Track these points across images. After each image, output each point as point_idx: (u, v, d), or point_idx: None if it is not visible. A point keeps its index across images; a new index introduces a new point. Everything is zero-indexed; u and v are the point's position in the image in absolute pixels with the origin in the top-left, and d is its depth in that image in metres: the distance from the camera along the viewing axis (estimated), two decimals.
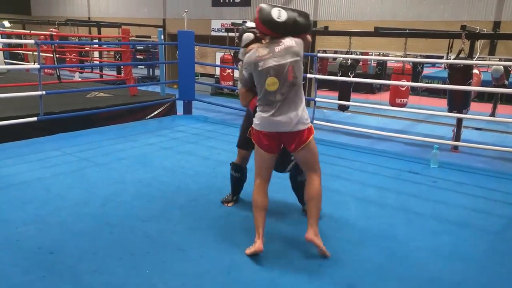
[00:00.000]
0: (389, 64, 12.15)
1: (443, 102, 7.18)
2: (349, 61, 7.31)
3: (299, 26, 2.67)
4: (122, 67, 10.01)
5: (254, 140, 2.77)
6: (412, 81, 7.36)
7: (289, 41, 2.62)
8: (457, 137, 5.91)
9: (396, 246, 2.94)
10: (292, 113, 2.61)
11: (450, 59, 6.52)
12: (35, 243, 2.73)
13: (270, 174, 2.85)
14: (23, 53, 12.03)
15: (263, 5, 2.62)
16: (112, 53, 12.98)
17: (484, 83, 7.73)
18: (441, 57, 8.16)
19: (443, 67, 12.63)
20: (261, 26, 2.63)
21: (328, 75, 10.27)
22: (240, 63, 3.09)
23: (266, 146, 2.71)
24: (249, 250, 2.71)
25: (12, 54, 11.72)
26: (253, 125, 2.76)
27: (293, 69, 2.61)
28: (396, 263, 2.71)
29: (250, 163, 3.18)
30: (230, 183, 3.55)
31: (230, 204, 3.51)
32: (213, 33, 11.44)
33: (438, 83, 12.35)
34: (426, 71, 13.77)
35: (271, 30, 2.62)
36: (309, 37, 2.78)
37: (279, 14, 2.59)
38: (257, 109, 2.73)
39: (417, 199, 3.88)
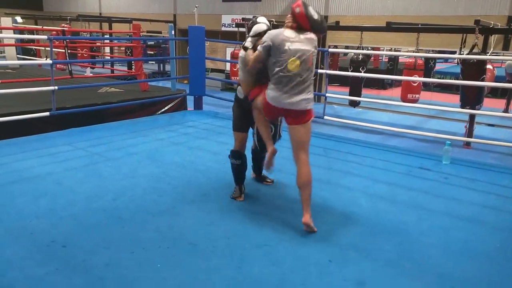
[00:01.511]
0: (400, 60, 12.03)
1: (455, 98, 7.09)
2: (360, 56, 7.25)
3: (321, 27, 3.03)
4: (133, 62, 10.07)
5: (263, 107, 3.06)
6: (424, 77, 7.28)
7: (311, 35, 2.95)
8: (469, 133, 5.84)
9: (407, 242, 2.92)
10: (304, 95, 2.94)
11: (463, 54, 6.43)
12: (48, 236, 2.77)
13: None
14: (35, 49, 12.15)
15: (304, 1, 2.96)
16: (123, 48, 13.04)
17: (497, 79, 7.62)
18: (454, 52, 8.06)
19: (456, 62, 12.47)
20: (304, 19, 2.90)
21: (339, 70, 10.22)
22: (250, 50, 3.16)
23: (270, 116, 3.14)
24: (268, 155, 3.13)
25: (25, 49, 11.84)
26: (266, 96, 2.99)
27: (313, 57, 2.94)
28: (407, 259, 2.69)
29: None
30: (233, 174, 3.56)
31: (241, 199, 3.51)
32: (223, 28, 11.42)
33: (450, 79, 12.19)
34: (439, 66, 13.61)
35: (309, 25, 2.93)
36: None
37: (314, 13, 2.95)
38: (271, 86, 2.97)
39: (429, 195, 3.85)
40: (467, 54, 5.96)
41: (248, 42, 3.24)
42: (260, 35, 3.15)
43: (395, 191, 3.92)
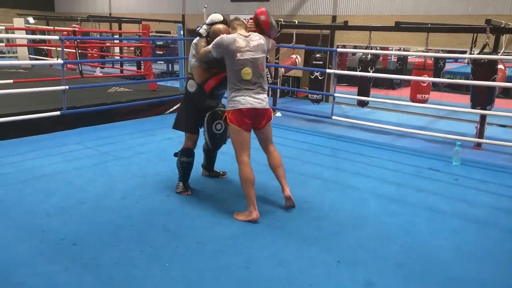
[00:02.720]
0: (410, 59, 11.93)
1: (466, 98, 7.01)
2: (369, 56, 7.21)
3: (276, 32, 3.38)
4: (142, 62, 10.12)
5: (234, 122, 3.13)
6: (433, 77, 7.21)
7: (260, 39, 3.18)
8: (480, 134, 5.77)
9: (417, 244, 2.90)
10: (263, 95, 3.20)
11: (473, 54, 6.36)
12: (59, 234, 2.81)
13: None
14: (46, 49, 12.28)
15: (267, 10, 3.25)
16: (133, 48, 13.12)
17: (509, 79, 7.52)
18: (464, 52, 7.98)
19: (466, 62, 12.34)
20: (268, 26, 3.21)
21: (347, 70, 10.17)
22: (202, 39, 3.30)
23: (247, 125, 3.16)
24: (243, 217, 3.13)
25: (36, 49, 11.97)
26: (231, 108, 3.13)
27: (262, 63, 3.20)
28: (417, 261, 2.67)
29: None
30: (181, 171, 3.59)
31: (188, 192, 3.59)
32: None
33: (461, 79, 12.07)
34: (449, 66, 13.47)
35: (270, 32, 3.26)
36: (274, 42, 3.47)
37: (273, 20, 3.24)
38: (234, 92, 3.13)
39: (439, 196, 3.82)
40: (478, 53, 5.89)
41: (202, 29, 3.33)
42: (215, 24, 3.31)
43: (404, 192, 3.89)
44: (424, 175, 4.42)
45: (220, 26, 3.30)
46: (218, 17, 3.38)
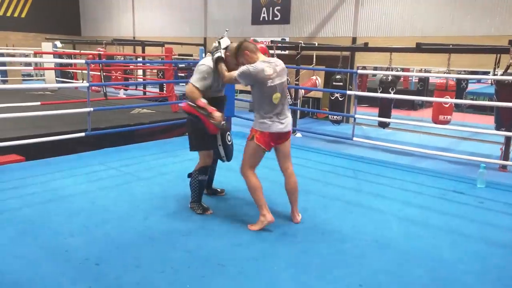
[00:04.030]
0: (431, 80, 11.85)
1: (489, 119, 6.90)
2: (390, 77, 7.20)
3: None
4: (164, 84, 10.36)
5: (260, 142, 3.29)
6: (456, 98, 7.13)
7: (281, 64, 3.35)
8: (505, 156, 5.65)
9: (441, 268, 2.83)
10: (288, 118, 3.37)
11: (497, 74, 6.28)
12: (82, 254, 2.85)
13: None
14: (72, 71, 12.71)
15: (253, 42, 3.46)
16: (155, 71, 13.46)
17: None
18: (487, 73, 7.88)
19: (490, 83, 12.18)
20: (267, 51, 3.55)
21: (368, 91, 10.15)
22: (222, 63, 3.37)
23: (270, 146, 3.34)
24: (259, 226, 3.27)
25: (63, 72, 12.41)
26: (260, 129, 3.28)
27: (286, 85, 3.38)
28: (441, 286, 2.60)
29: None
30: (197, 191, 3.62)
31: (211, 211, 3.61)
32: None
33: (484, 100, 11.91)
34: (471, 87, 13.31)
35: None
36: None
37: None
38: (263, 115, 3.27)
39: (463, 220, 3.72)
40: (502, 74, 5.82)
41: (221, 54, 3.40)
42: (227, 48, 3.42)
43: (427, 214, 3.82)
44: (448, 197, 4.32)
45: (256, 62, 3.29)
46: (227, 41, 3.49)
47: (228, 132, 3.67)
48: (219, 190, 4.15)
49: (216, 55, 3.39)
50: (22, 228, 3.23)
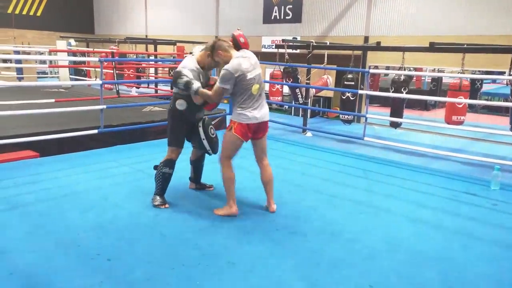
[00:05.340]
0: (445, 80, 11.71)
1: (504, 120, 6.79)
2: (402, 76, 7.13)
3: None
4: None
5: (238, 133, 3.41)
6: (470, 98, 7.03)
7: (254, 57, 3.47)
8: None
9: (454, 271, 2.80)
10: (265, 108, 3.51)
11: None
12: (94, 250, 2.88)
13: None
14: (85, 69, 12.85)
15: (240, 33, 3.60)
16: (167, 69, 13.53)
17: None
18: (503, 73, 7.76)
19: (505, 83, 11.99)
20: (247, 45, 3.56)
21: (380, 91, 10.07)
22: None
23: (248, 137, 3.47)
24: (223, 212, 3.52)
25: (76, 70, 12.55)
26: (238, 121, 3.39)
27: (261, 77, 3.49)
28: None
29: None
30: (161, 183, 3.70)
31: (167, 205, 3.69)
32: (263, 50, 11.62)
33: (499, 100, 11.73)
34: (486, 87, 13.12)
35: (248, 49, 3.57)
36: None
37: None
38: (241, 107, 3.38)
39: (476, 222, 3.68)
40: None
41: (195, 83, 3.45)
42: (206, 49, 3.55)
43: (439, 216, 3.78)
44: (461, 199, 4.28)
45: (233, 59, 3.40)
46: (200, 47, 3.73)
47: (210, 126, 3.81)
48: (207, 185, 4.23)
49: (194, 88, 3.41)
50: (36, 223, 3.29)
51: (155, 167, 3.77)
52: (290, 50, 9.30)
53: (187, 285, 2.51)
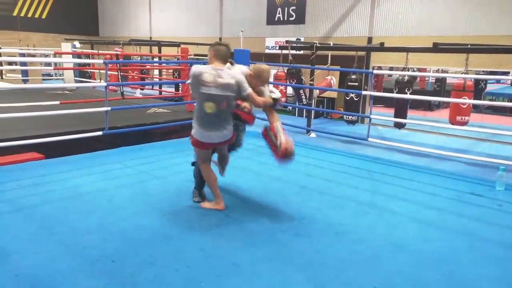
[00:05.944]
0: (449, 80, 11.67)
1: (509, 120, 6.76)
2: (406, 77, 7.12)
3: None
4: (180, 84, 10.44)
5: (196, 146, 3.47)
6: (474, 98, 7.01)
7: (231, 79, 3.27)
8: None
9: (459, 272, 2.79)
10: (222, 132, 3.40)
11: None
12: (99, 251, 2.89)
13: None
14: (90, 71, 12.91)
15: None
16: (171, 71, 13.57)
17: None
18: (507, 73, 7.73)
19: (510, 83, 11.94)
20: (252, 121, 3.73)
21: (383, 91, 10.05)
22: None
23: (206, 148, 3.52)
24: (210, 205, 3.65)
25: (81, 71, 12.62)
26: (193, 134, 3.44)
27: (228, 101, 3.30)
28: None
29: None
30: (197, 178, 3.78)
31: (204, 204, 3.75)
32: (267, 51, 11.64)
33: (503, 100, 11.68)
34: (490, 87, 13.06)
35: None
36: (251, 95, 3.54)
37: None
38: (197, 122, 3.39)
39: (481, 223, 3.66)
40: None
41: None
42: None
43: (444, 217, 3.77)
44: (466, 200, 4.26)
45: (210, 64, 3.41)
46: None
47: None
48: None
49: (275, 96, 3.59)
50: (41, 225, 3.30)
51: (193, 164, 3.87)
52: (293, 51, 9.31)
53: (191, 286, 2.51)
